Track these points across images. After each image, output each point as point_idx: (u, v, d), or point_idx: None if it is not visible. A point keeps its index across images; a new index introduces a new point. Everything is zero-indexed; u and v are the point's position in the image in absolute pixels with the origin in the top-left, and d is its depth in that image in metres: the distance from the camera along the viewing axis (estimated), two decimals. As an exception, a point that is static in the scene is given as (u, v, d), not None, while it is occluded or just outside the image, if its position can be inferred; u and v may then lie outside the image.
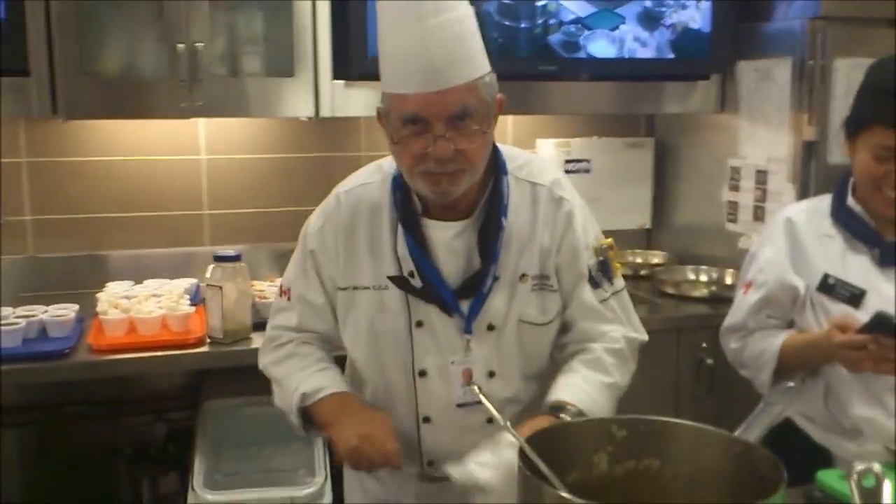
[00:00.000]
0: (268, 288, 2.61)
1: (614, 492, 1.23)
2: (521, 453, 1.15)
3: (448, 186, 1.55)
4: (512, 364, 1.68)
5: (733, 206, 3.00)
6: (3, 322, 2.25)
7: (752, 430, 1.32)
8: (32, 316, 2.32)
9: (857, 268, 1.95)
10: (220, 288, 2.30)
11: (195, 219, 3.00)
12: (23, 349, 2.22)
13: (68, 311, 2.39)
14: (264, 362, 1.80)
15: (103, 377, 2.33)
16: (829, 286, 1.96)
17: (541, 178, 1.67)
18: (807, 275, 1.99)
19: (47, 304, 2.46)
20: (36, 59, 2.42)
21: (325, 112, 2.67)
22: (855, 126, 1.95)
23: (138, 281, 2.74)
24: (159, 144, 2.94)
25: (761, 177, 2.86)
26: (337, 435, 1.60)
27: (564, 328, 1.72)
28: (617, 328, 1.71)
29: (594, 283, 1.69)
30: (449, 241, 1.63)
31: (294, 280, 1.77)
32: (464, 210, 1.63)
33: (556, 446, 1.22)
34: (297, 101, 2.65)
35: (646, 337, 1.77)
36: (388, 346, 1.68)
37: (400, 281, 1.63)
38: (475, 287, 1.62)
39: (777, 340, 2.01)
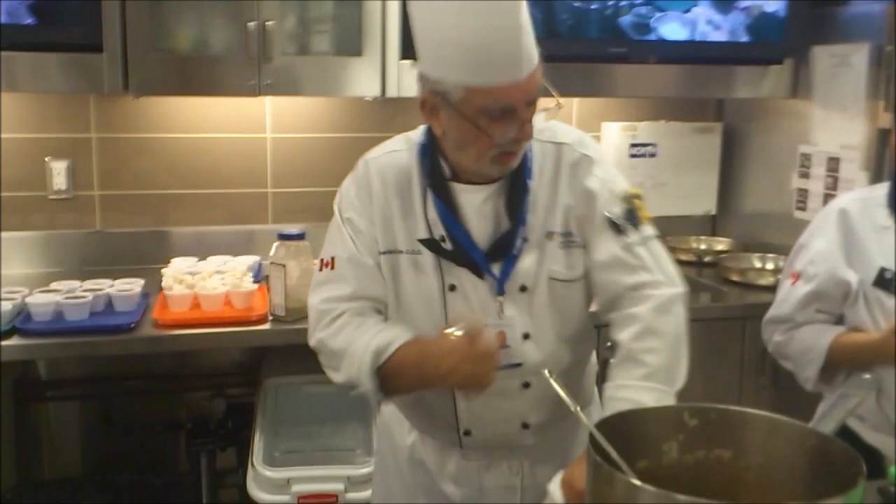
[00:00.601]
0: (330, 267, 2.61)
1: (684, 481, 1.19)
2: (591, 439, 1.13)
3: (512, 162, 1.58)
4: (545, 325, 1.67)
5: (803, 193, 2.92)
6: (71, 295, 2.28)
7: (827, 423, 1.28)
8: (99, 290, 2.35)
9: None
10: (284, 266, 2.31)
11: (259, 197, 3.02)
12: (90, 322, 2.25)
13: (134, 285, 2.42)
14: (319, 337, 1.69)
15: (166, 351, 2.36)
16: (885, 280, 1.88)
17: (564, 137, 1.67)
18: (861, 268, 1.92)
19: (113, 279, 2.49)
20: (109, 35, 2.44)
21: (392, 92, 2.67)
22: None
23: (202, 257, 2.76)
24: (225, 122, 2.96)
25: (833, 164, 2.79)
26: (437, 370, 1.52)
27: (592, 291, 1.68)
28: (646, 279, 1.64)
29: (618, 230, 1.64)
30: (478, 205, 1.63)
31: (337, 249, 1.70)
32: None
33: (626, 433, 1.19)
34: (364, 81, 2.65)
35: (681, 289, 1.67)
36: (422, 309, 1.66)
37: (431, 244, 1.63)
38: (505, 249, 1.62)
39: (826, 338, 1.95)
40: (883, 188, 1.97)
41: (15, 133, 2.79)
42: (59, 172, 2.82)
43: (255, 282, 2.50)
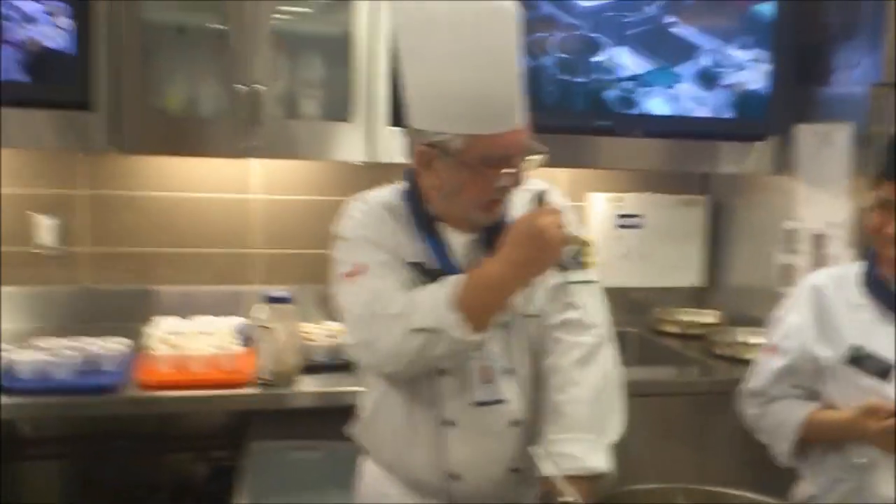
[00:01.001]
0: (315, 330, 2.60)
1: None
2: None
3: (500, 210, 1.67)
4: (525, 361, 1.71)
5: (788, 269, 2.95)
6: (57, 354, 2.25)
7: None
8: (85, 348, 2.31)
9: (886, 340, 1.88)
10: (271, 329, 2.29)
11: (244, 257, 3.02)
12: (74, 381, 2.21)
13: (120, 344, 2.39)
14: (369, 312, 1.62)
15: (149, 413, 2.32)
16: (856, 359, 1.90)
17: (532, 186, 1.71)
18: (834, 345, 1.94)
19: (96, 336, 2.45)
20: (99, 94, 2.45)
21: (379, 157, 2.69)
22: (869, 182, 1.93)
23: (186, 317, 2.74)
24: (213, 182, 2.97)
25: (819, 241, 2.82)
26: (516, 264, 1.56)
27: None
28: (573, 317, 1.71)
29: (562, 267, 1.69)
30: (464, 243, 1.69)
31: (361, 258, 1.67)
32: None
33: None
34: (351, 146, 2.67)
35: (604, 336, 1.74)
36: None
37: (418, 266, 1.66)
38: None
39: (800, 413, 1.96)
40: (855, 267, 2.01)
41: (3, 188, 2.78)
42: (46, 228, 2.81)
43: (240, 344, 2.47)
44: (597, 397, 1.66)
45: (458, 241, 1.70)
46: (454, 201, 1.65)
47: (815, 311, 1.98)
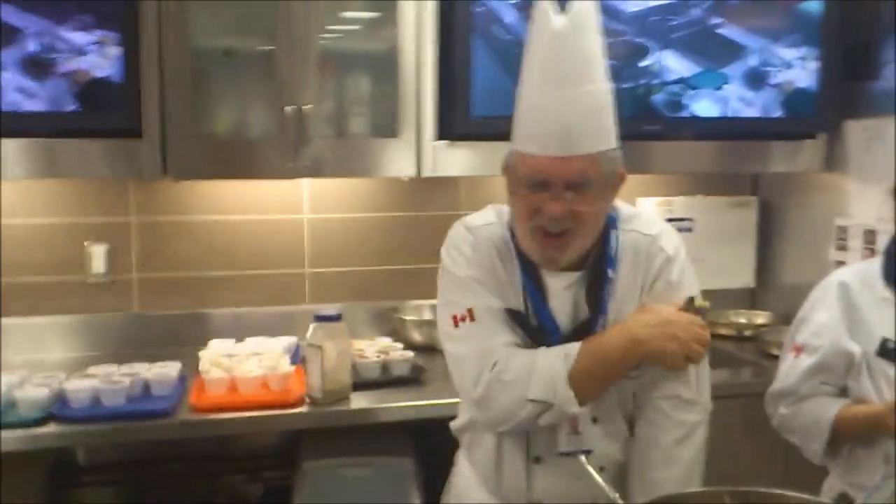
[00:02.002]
0: (367, 347, 2.61)
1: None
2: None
3: (555, 253, 1.61)
4: (612, 411, 1.69)
5: (841, 265, 2.89)
6: (108, 380, 2.28)
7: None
8: (136, 374, 2.34)
9: None
10: (321, 347, 2.30)
11: (296, 277, 3.03)
12: (127, 407, 2.24)
13: (171, 369, 2.41)
14: (488, 379, 1.64)
15: (201, 436, 2.35)
16: (888, 350, 1.88)
17: (648, 229, 1.70)
18: (863, 340, 1.91)
19: (151, 362, 2.49)
20: (149, 120, 2.48)
21: (427, 172, 2.69)
22: None
23: (240, 338, 2.76)
24: (262, 203, 2.99)
25: (870, 237, 2.77)
26: (639, 342, 1.59)
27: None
28: (684, 394, 1.67)
29: None
30: (560, 290, 1.66)
31: (470, 301, 1.68)
32: (576, 262, 1.66)
33: None
34: (399, 162, 2.67)
35: (707, 412, 1.71)
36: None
37: (516, 315, 1.66)
38: (584, 335, 1.63)
39: (832, 410, 1.93)
40: (879, 261, 1.99)
41: (55, 217, 2.83)
42: (97, 256, 2.85)
43: (292, 363, 2.49)
44: (690, 476, 1.65)
45: (557, 285, 1.67)
46: (517, 228, 1.66)
47: (842, 307, 1.96)
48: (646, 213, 1.79)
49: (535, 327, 1.65)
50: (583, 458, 1.53)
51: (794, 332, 2.06)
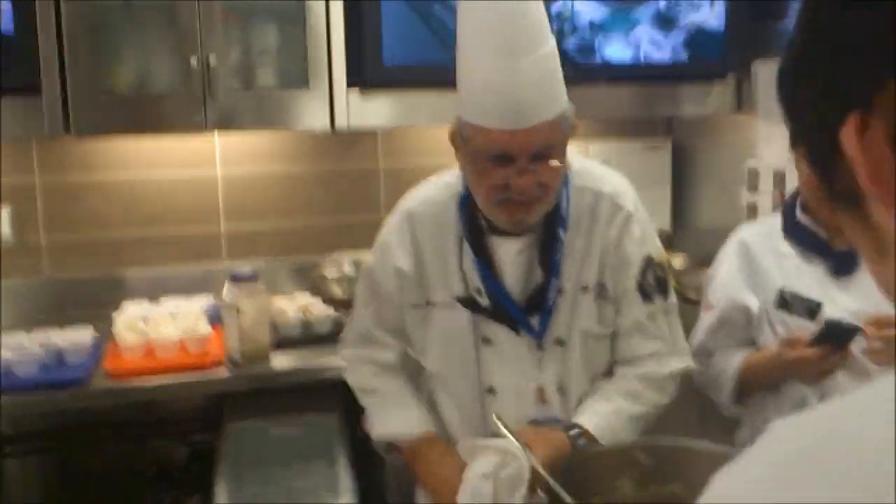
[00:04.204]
0: (287, 304, 2.58)
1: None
2: (545, 485, 1.16)
3: (524, 216, 1.58)
4: (580, 379, 1.68)
5: (753, 208, 2.95)
6: (20, 351, 2.21)
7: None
8: (49, 343, 2.27)
9: (812, 281, 1.93)
10: (237, 307, 2.27)
11: (212, 234, 2.97)
12: (40, 377, 2.19)
13: (84, 335, 2.35)
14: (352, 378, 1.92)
15: (125, 402, 2.30)
16: (785, 301, 1.94)
17: (602, 185, 1.69)
18: (763, 293, 1.98)
19: (63, 326, 2.42)
20: (48, 76, 2.38)
21: (341, 124, 2.64)
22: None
23: (155, 299, 2.70)
24: (173, 159, 2.90)
25: (780, 178, 2.82)
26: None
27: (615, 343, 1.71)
28: (662, 350, 1.69)
29: (645, 295, 1.67)
30: (513, 256, 1.64)
31: (373, 288, 1.78)
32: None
33: (578, 472, 1.22)
34: (312, 114, 2.62)
35: (691, 364, 1.75)
36: (455, 364, 1.69)
37: (467, 302, 1.65)
38: (541, 302, 1.63)
39: (734, 361, 1.99)
40: (779, 217, 2.05)
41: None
42: (2, 220, 2.75)
43: (210, 324, 2.45)
44: (647, 417, 1.67)
45: (506, 255, 1.64)
46: (475, 196, 1.62)
47: (740, 262, 2.03)
48: (595, 166, 1.78)
49: (488, 308, 1.64)
50: (495, 417, 1.53)
51: (704, 291, 2.12)
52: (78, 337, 2.34)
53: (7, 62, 2.36)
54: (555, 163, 1.53)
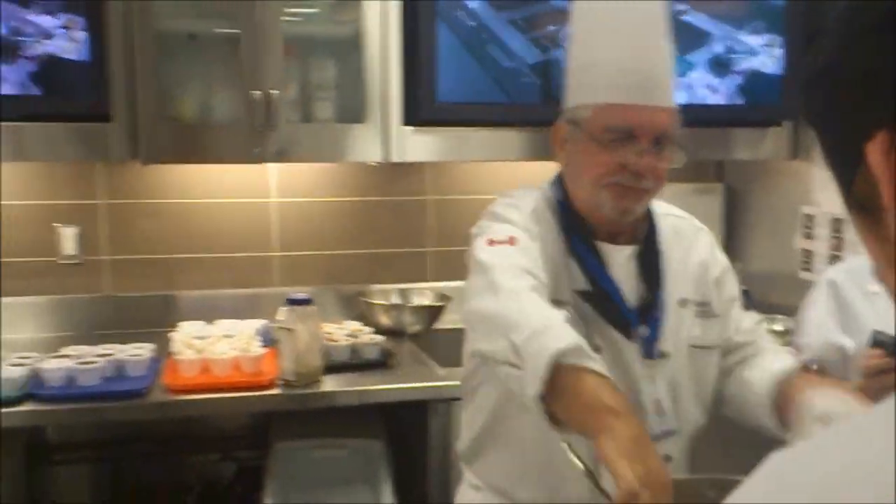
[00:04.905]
0: (336, 330, 2.63)
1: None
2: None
3: (632, 204, 1.55)
4: (688, 393, 1.62)
5: (807, 254, 2.94)
6: (82, 361, 2.29)
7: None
8: (111, 355, 2.35)
9: None
10: (293, 330, 2.32)
11: (264, 260, 3.05)
12: (101, 387, 2.25)
13: (145, 350, 2.43)
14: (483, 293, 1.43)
15: (174, 416, 2.36)
16: (879, 342, 1.87)
17: (677, 212, 1.72)
18: (856, 333, 1.95)
19: (123, 342, 2.50)
20: (117, 104, 2.48)
21: (394, 157, 2.70)
22: None
23: (209, 320, 2.77)
24: (230, 187, 2.99)
25: (837, 225, 2.81)
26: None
27: (727, 351, 1.67)
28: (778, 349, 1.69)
29: (745, 306, 1.70)
30: (623, 262, 1.59)
31: (515, 233, 1.51)
32: (628, 236, 1.61)
33: None
34: (366, 147, 2.69)
35: None
36: None
37: (590, 296, 1.53)
38: (651, 310, 1.57)
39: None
40: (865, 257, 2.01)
41: (24, 200, 2.83)
42: (68, 237, 2.85)
43: (262, 345, 2.50)
44: None
45: (618, 258, 1.58)
46: (579, 184, 1.57)
47: (832, 304, 2.01)
48: (662, 204, 1.75)
49: (607, 306, 1.53)
50: (564, 444, 1.28)
51: (792, 336, 2.12)
52: (139, 351, 2.41)
53: (81, 89, 2.47)
54: (666, 150, 1.53)
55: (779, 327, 2.98)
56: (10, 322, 2.78)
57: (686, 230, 1.68)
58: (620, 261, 1.58)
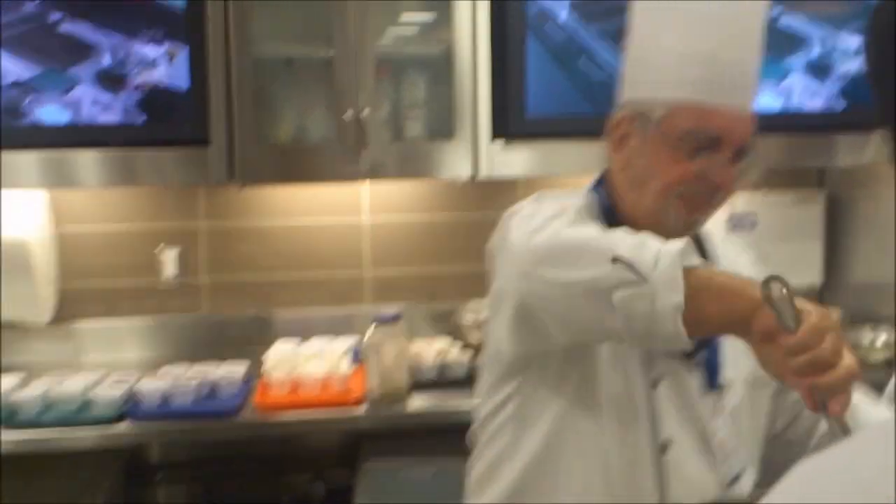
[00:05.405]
0: (425, 348, 2.65)
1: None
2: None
3: (701, 217, 1.40)
4: (750, 429, 1.45)
5: (915, 262, 2.82)
6: (177, 381, 2.37)
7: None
8: (204, 375, 2.43)
9: None
10: (378, 349, 2.35)
11: (358, 279, 3.09)
12: (194, 407, 2.34)
13: (237, 369, 2.50)
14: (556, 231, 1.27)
15: (265, 435, 2.42)
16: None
17: (715, 228, 1.56)
18: None
19: (219, 362, 2.58)
20: (216, 129, 2.56)
21: (484, 173, 2.71)
22: None
23: (305, 339, 2.83)
24: (324, 207, 3.05)
25: (945, 231, 2.69)
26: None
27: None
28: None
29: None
30: None
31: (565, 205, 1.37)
32: None
33: None
34: (456, 163, 2.70)
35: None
36: (617, 411, 1.34)
37: None
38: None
39: None
40: None
41: (129, 223, 2.95)
42: (169, 260, 2.96)
43: (352, 364, 2.54)
44: None
45: None
46: (643, 191, 1.36)
47: None
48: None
49: None
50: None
51: None
52: (231, 371, 2.49)
53: (181, 116, 2.56)
54: (740, 162, 1.35)
55: (883, 338, 2.87)
56: (115, 343, 2.90)
57: (729, 246, 1.56)
58: None
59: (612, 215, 1.41)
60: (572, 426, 1.36)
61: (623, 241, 1.16)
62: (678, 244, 1.16)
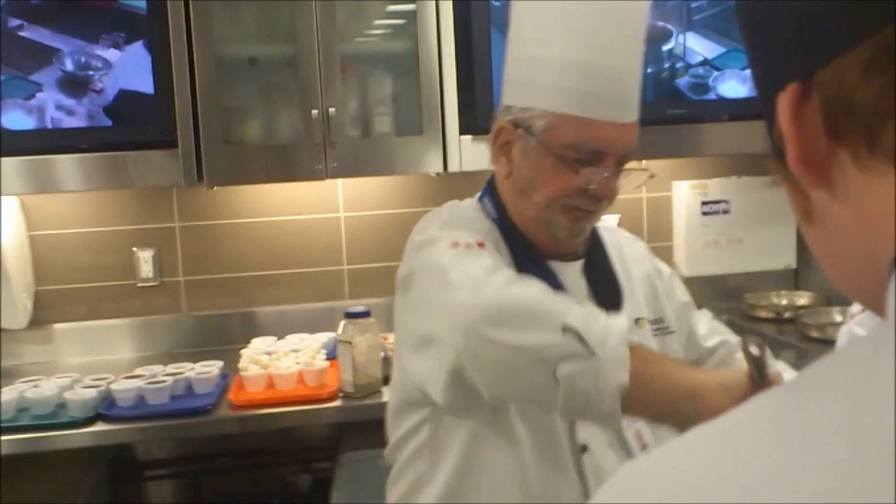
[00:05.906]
0: (401, 341, 2.67)
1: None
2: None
3: (585, 226, 1.40)
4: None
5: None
6: (152, 380, 2.40)
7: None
8: (180, 373, 2.46)
9: None
10: (351, 343, 2.38)
11: (336, 274, 3.12)
12: (169, 406, 2.36)
13: (213, 368, 2.52)
14: (496, 289, 1.20)
15: (241, 432, 2.44)
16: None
17: (608, 224, 1.62)
18: None
19: (197, 361, 2.60)
20: (183, 131, 2.58)
21: (454, 167, 2.74)
22: None
23: (283, 335, 2.86)
24: (300, 204, 3.08)
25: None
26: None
27: (700, 360, 1.56)
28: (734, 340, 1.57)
29: (697, 306, 1.61)
30: (575, 280, 1.42)
31: (476, 238, 1.34)
32: (572, 251, 1.46)
33: None
34: (426, 158, 2.73)
35: None
36: (530, 426, 1.34)
37: None
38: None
39: None
40: None
41: (105, 226, 2.97)
42: (145, 261, 2.98)
43: (328, 358, 2.57)
44: None
45: (571, 275, 1.41)
46: (527, 200, 1.37)
47: None
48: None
49: None
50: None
51: None
52: (206, 369, 2.51)
53: (147, 118, 2.58)
54: (636, 167, 1.36)
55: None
56: (95, 344, 2.93)
57: (621, 241, 1.54)
58: (573, 279, 1.42)
59: (506, 225, 1.42)
60: (488, 445, 1.35)
61: (570, 309, 1.13)
62: (622, 320, 1.15)
